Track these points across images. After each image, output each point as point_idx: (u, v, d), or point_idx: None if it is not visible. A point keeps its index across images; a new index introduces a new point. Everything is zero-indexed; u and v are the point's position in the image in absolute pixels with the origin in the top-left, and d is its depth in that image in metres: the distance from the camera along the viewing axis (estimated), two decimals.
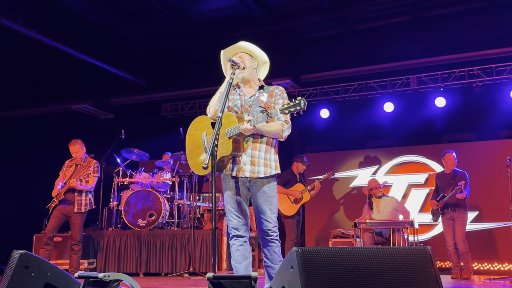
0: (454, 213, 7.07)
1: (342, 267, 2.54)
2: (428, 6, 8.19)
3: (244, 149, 3.63)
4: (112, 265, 7.90)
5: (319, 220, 9.69)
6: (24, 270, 3.08)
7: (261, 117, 3.44)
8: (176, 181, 8.36)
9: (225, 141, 3.55)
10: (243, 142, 3.62)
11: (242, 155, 3.63)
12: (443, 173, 7.49)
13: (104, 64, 9.02)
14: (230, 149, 3.53)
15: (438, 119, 9.03)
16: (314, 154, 9.92)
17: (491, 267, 8.22)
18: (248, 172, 3.63)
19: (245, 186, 3.71)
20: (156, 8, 8.21)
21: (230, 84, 3.54)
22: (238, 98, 3.77)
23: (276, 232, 3.69)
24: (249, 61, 3.79)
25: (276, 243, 3.69)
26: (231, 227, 3.73)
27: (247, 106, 3.72)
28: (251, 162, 3.63)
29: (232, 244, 3.74)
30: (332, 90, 9.48)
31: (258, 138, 3.67)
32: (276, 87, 3.81)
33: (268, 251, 3.69)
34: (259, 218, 3.70)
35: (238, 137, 3.56)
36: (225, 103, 3.42)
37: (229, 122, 3.56)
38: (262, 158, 3.66)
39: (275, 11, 8.49)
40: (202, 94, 10.01)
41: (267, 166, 3.67)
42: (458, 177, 7.16)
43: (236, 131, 3.50)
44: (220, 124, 3.31)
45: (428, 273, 2.65)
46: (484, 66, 8.46)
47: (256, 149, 3.66)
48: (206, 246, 7.64)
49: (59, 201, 6.75)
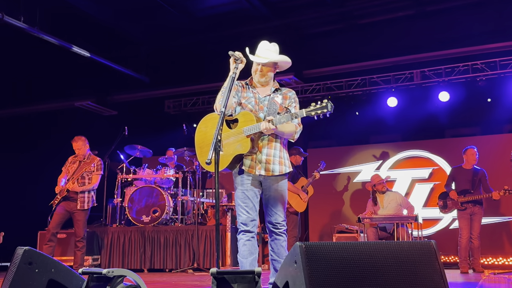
0: (475, 208, 7.11)
1: (346, 262, 2.53)
2: (431, 0, 8.15)
3: (260, 148, 3.68)
4: (117, 261, 7.92)
5: (322, 215, 9.68)
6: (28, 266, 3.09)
7: (284, 118, 3.50)
8: (180, 177, 8.36)
9: (242, 139, 3.57)
10: (258, 141, 3.65)
11: (257, 154, 3.67)
12: (462, 168, 7.40)
13: (107, 60, 9.02)
14: (248, 147, 3.55)
15: (442, 114, 9.00)
16: (317, 150, 9.91)
17: (495, 261, 8.21)
18: (264, 170, 3.68)
19: (257, 181, 3.74)
20: (159, 4, 8.20)
21: (233, 79, 3.52)
22: (252, 96, 3.80)
23: (284, 226, 3.76)
24: (271, 70, 3.82)
25: (283, 236, 3.75)
26: (240, 222, 3.75)
27: (262, 104, 3.76)
28: (266, 161, 3.69)
29: (240, 239, 3.75)
30: (335, 85, 9.46)
31: (274, 137, 3.73)
32: (289, 90, 3.88)
33: (275, 245, 3.75)
34: (270, 211, 3.75)
35: (254, 136, 3.58)
36: (227, 98, 3.40)
37: (246, 120, 3.58)
38: (277, 157, 3.72)
39: (277, 6, 8.46)
40: (205, 90, 10.01)
41: (282, 164, 3.74)
42: (480, 175, 7.21)
43: (256, 130, 3.52)
44: (222, 119, 3.29)
45: (433, 268, 2.64)
46: (488, 60, 8.43)
47: (271, 147, 3.72)
48: (210, 242, 7.65)
49: (62, 198, 6.75)
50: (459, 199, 7.16)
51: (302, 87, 9.55)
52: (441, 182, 8.91)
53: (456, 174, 7.45)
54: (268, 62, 3.76)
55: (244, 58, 3.64)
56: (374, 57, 8.88)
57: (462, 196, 7.16)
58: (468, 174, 7.29)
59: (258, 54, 3.79)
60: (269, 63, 3.77)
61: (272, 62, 3.78)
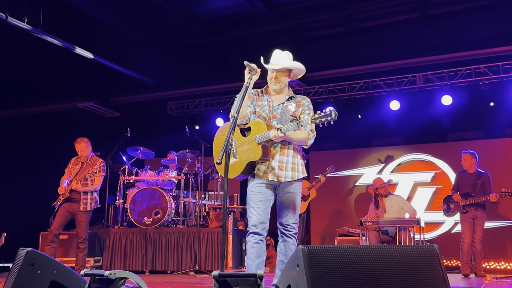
0: (477, 212, 7.09)
1: (349, 265, 2.53)
2: (434, 4, 8.14)
3: (272, 154, 3.78)
4: (118, 263, 7.92)
5: (324, 218, 9.67)
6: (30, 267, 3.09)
7: (291, 126, 3.56)
8: (182, 179, 8.36)
9: (254, 146, 3.69)
10: (271, 148, 3.76)
11: (270, 160, 3.77)
12: (466, 172, 7.40)
13: (110, 62, 9.03)
14: (259, 154, 3.66)
15: (444, 117, 8.99)
16: (319, 152, 9.91)
17: (497, 265, 8.19)
18: (276, 176, 3.77)
19: (271, 186, 3.83)
20: (163, 6, 8.20)
21: (247, 88, 3.61)
22: (267, 104, 3.89)
23: (295, 229, 3.84)
24: (286, 77, 3.90)
25: (293, 239, 3.84)
26: (250, 224, 3.82)
27: (276, 113, 3.85)
28: (279, 167, 3.78)
29: (249, 241, 3.83)
30: (338, 88, 9.46)
31: (286, 144, 3.82)
32: (303, 98, 3.96)
33: (285, 246, 3.83)
34: (282, 213, 3.83)
35: (266, 143, 3.69)
36: (241, 105, 3.51)
37: (258, 128, 3.70)
38: (290, 163, 3.82)
39: (280, 9, 8.47)
40: (208, 92, 10.02)
41: (295, 171, 3.83)
42: (483, 178, 7.19)
43: (266, 137, 3.63)
44: (234, 124, 3.40)
45: (435, 272, 2.63)
46: (491, 64, 8.42)
47: (284, 154, 3.81)
48: (211, 244, 7.64)
49: (65, 199, 6.75)
50: (461, 202, 7.16)
51: (305, 90, 9.56)
52: (443, 186, 8.91)
53: (459, 177, 7.46)
54: (282, 69, 3.85)
55: (258, 69, 3.69)
56: (376, 60, 8.87)
57: (464, 199, 7.16)
58: (471, 177, 7.28)
59: (272, 62, 3.88)
60: (283, 70, 3.86)
61: (285, 68, 3.87)
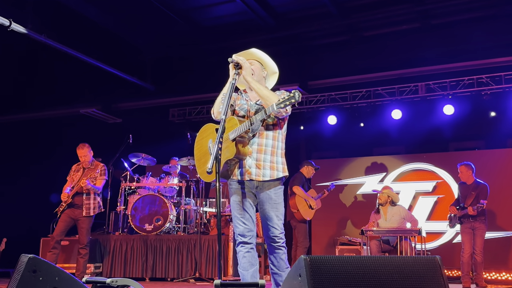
0: (475, 223, 7.02)
1: (351, 275, 2.52)
2: (437, 14, 8.17)
3: (249, 152, 3.61)
4: (118, 269, 7.91)
5: (325, 227, 9.65)
6: (32, 274, 3.08)
7: (259, 115, 3.47)
8: (183, 186, 8.36)
9: (228, 144, 3.54)
10: (247, 145, 3.59)
11: (247, 159, 3.61)
12: (466, 184, 7.37)
13: (113, 68, 9.06)
14: (234, 151, 3.49)
15: (446, 127, 9.00)
16: (321, 161, 9.89)
17: (499, 276, 8.15)
18: (254, 175, 3.61)
19: (251, 192, 3.68)
20: (165, 13, 8.25)
21: (233, 85, 3.53)
22: (245, 103, 3.79)
23: (282, 238, 3.66)
24: (258, 69, 3.80)
25: (282, 249, 3.66)
26: (237, 234, 3.70)
27: (253, 111, 3.72)
28: (257, 166, 3.61)
29: (239, 251, 3.71)
30: (340, 96, 9.48)
31: (263, 141, 3.65)
32: (279, 91, 3.79)
33: (275, 258, 3.66)
34: (266, 225, 3.66)
35: (241, 138, 3.53)
36: (228, 105, 3.38)
37: (231, 125, 3.55)
38: (268, 161, 3.64)
39: (283, 17, 8.50)
40: (210, 99, 9.94)
41: (273, 169, 3.64)
42: (479, 189, 7.13)
43: (238, 132, 3.49)
44: (223, 127, 3.27)
45: (438, 284, 2.63)
46: (493, 74, 8.44)
47: (261, 152, 3.63)
48: (212, 252, 7.63)
49: (67, 205, 6.76)
50: (458, 214, 7.15)
51: (307, 98, 9.58)
52: (445, 196, 8.89)
53: (459, 189, 7.45)
54: (253, 62, 3.77)
55: (245, 64, 3.60)
56: (379, 69, 8.90)
57: (459, 211, 7.14)
58: (467, 189, 7.26)
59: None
60: (255, 63, 3.78)
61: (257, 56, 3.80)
